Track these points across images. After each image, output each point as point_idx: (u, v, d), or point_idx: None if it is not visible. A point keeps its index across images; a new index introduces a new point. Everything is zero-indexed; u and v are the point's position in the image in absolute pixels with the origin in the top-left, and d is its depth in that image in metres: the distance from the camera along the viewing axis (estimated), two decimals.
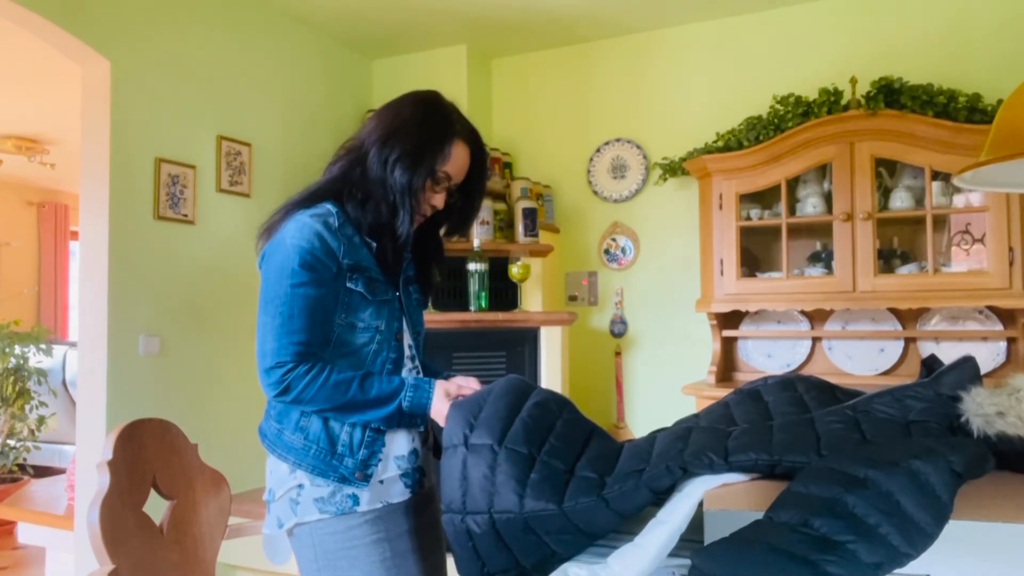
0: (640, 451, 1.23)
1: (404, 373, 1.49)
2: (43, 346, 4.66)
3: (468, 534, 1.20)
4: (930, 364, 1.36)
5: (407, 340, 1.52)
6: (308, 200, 1.45)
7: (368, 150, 1.44)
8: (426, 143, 1.44)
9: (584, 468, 1.21)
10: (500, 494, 1.18)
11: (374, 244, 1.45)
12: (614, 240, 3.86)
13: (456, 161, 1.47)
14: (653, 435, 1.31)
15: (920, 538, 0.89)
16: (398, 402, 1.39)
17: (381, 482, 1.42)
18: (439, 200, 1.49)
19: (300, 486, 1.41)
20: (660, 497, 1.14)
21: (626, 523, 1.39)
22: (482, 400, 1.35)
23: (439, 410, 1.39)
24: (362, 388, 1.37)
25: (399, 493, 1.45)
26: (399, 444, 1.45)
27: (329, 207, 1.43)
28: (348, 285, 1.40)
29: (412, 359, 1.53)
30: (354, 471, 1.40)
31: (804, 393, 1.36)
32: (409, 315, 1.54)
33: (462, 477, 1.24)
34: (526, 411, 1.32)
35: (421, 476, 1.50)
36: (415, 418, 1.42)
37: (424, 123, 1.45)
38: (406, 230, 1.43)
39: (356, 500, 1.40)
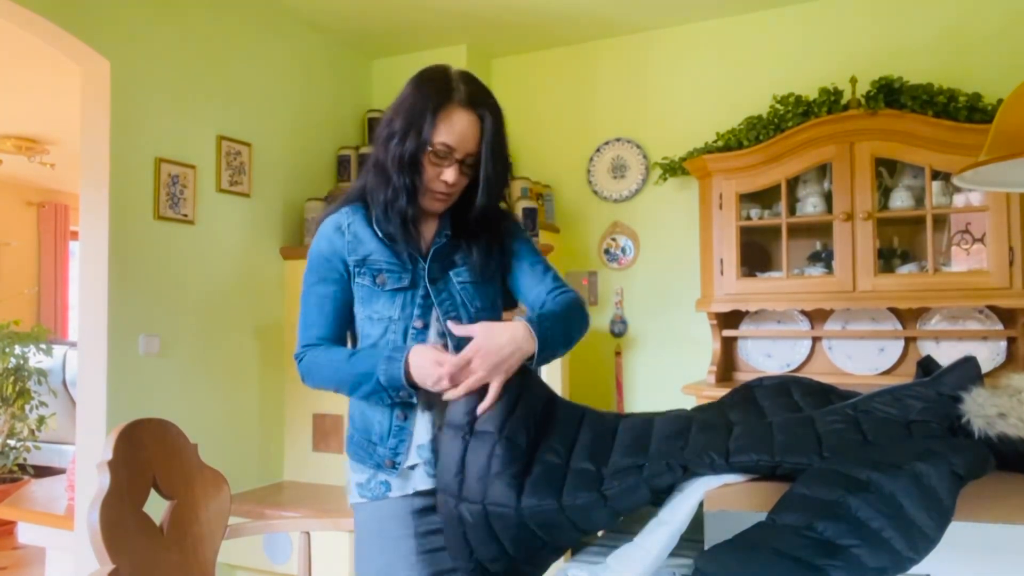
0: (637, 440, 1.22)
1: None
2: (43, 346, 4.66)
3: (460, 520, 1.20)
4: (925, 365, 1.36)
5: (436, 328, 1.47)
6: (339, 204, 1.55)
7: (378, 136, 1.48)
8: (416, 115, 1.41)
9: (580, 459, 1.20)
10: (495, 486, 1.17)
11: (385, 232, 1.47)
12: (614, 240, 3.86)
13: (453, 130, 1.40)
14: (650, 420, 1.30)
15: (923, 542, 0.89)
16: (376, 376, 1.39)
17: (411, 468, 1.46)
18: (449, 175, 1.43)
19: (351, 470, 1.53)
20: (658, 495, 1.13)
21: (626, 523, 1.39)
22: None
23: (421, 371, 1.35)
24: (350, 363, 1.43)
25: (423, 480, 1.45)
26: (420, 433, 1.45)
27: (347, 208, 1.52)
28: (357, 280, 1.48)
29: (444, 348, 1.45)
30: (384, 459, 1.46)
31: (800, 399, 1.36)
32: (446, 301, 1.48)
33: (460, 462, 1.23)
34: (524, 400, 1.31)
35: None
36: (399, 391, 1.38)
37: (417, 95, 1.43)
38: (403, 207, 1.43)
39: (388, 487, 1.47)
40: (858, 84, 3.09)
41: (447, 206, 1.50)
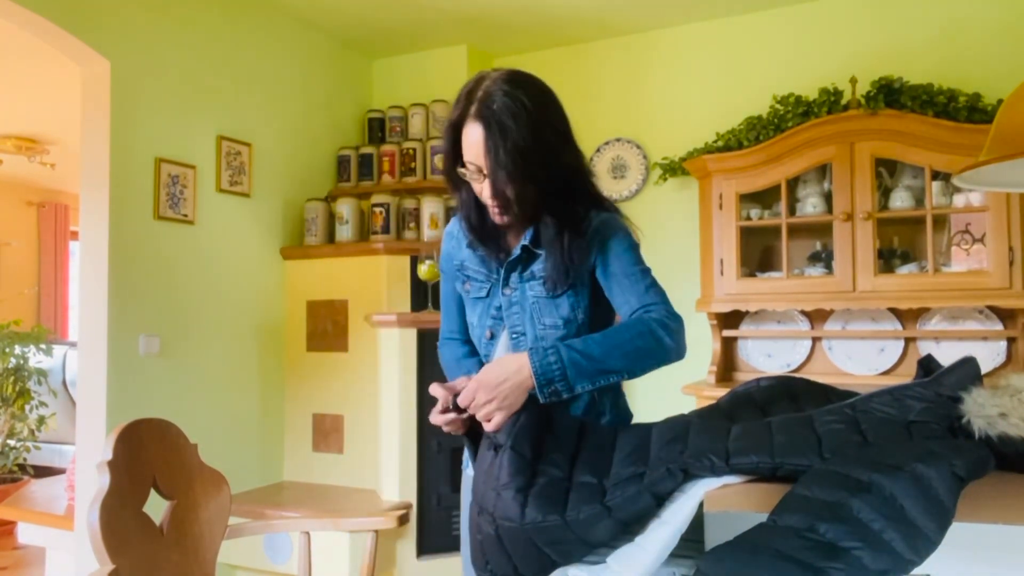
0: (636, 448, 1.22)
1: None
2: (43, 346, 4.66)
3: (479, 528, 1.20)
4: (926, 364, 1.36)
5: (505, 341, 1.47)
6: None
7: None
8: (446, 131, 1.40)
9: (582, 472, 1.20)
10: (503, 498, 1.17)
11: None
12: None
13: (468, 145, 1.35)
14: (648, 430, 1.30)
15: (924, 544, 0.89)
16: None
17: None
18: (485, 190, 1.37)
19: None
20: (661, 500, 1.13)
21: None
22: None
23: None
24: (452, 372, 1.54)
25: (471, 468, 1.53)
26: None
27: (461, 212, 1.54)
28: (457, 284, 1.56)
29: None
30: (468, 440, 1.55)
31: (798, 399, 1.36)
32: (516, 315, 1.45)
33: (486, 473, 1.23)
34: (528, 409, 1.31)
35: None
36: None
37: (451, 111, 1.40)
38: (470, 219, 1.46)
39: (467, 463, 1.57)
40: (858, 84, 3.09)
41: (508, 219, 1.41)
